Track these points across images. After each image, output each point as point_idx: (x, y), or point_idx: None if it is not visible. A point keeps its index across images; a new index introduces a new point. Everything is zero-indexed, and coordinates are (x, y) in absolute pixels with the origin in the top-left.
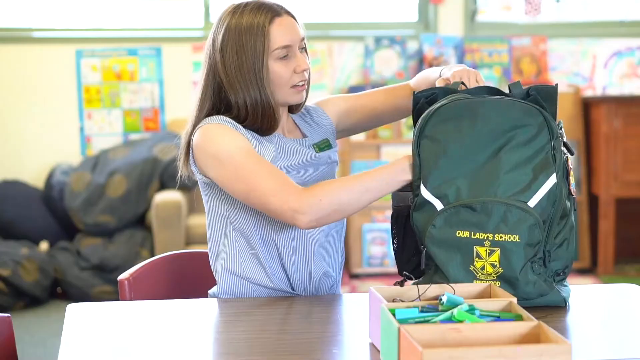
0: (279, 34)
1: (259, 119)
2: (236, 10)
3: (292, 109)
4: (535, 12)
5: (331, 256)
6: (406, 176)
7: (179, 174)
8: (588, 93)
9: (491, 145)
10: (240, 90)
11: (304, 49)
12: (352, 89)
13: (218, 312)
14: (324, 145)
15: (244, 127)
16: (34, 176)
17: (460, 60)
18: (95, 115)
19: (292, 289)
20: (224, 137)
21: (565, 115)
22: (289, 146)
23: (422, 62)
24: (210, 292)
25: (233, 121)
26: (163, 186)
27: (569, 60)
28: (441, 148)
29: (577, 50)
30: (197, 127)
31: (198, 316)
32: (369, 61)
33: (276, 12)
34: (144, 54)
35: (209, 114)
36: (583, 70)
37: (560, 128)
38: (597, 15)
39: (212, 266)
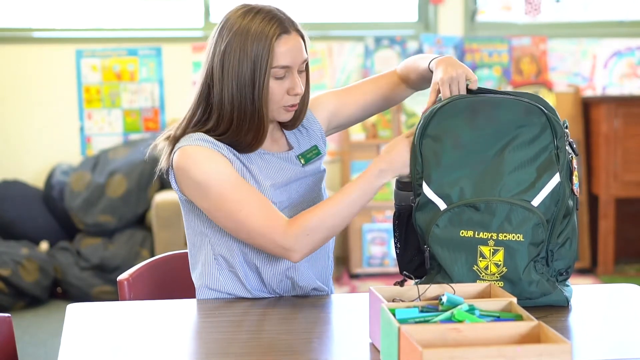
0: (281, 52)
1: (242, 133)
2: (247, 13)
3: (287, 126)
4: (535, 12)
5: (321, 269)
6: (381, 180)
7: (159, 167)
8: (588, 93)
9: (494, 144)
10: (232, 97)
11: (303, 71)
12: None
13: (218, 312)
14: (311, 155)
15: (223, 141)
16: (34, 176)
17: (460, 60)
18: (95, 115)
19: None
20: (208, 164)
21: (566, 115)
22: (272, 164)
23: None
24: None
25: (213, 140)
26: (163, 186)
27: (569, 60)
28: (444, 147)
29: (577, 50)
30: (178, 144)
31: (198, 316)
32: (369, 61)
33: (285, 28)
34: (144, 54)
35: (199, 120)
36: (583, 70)
37: (566, 127)
38: (597, 15)
39: (193, 279)
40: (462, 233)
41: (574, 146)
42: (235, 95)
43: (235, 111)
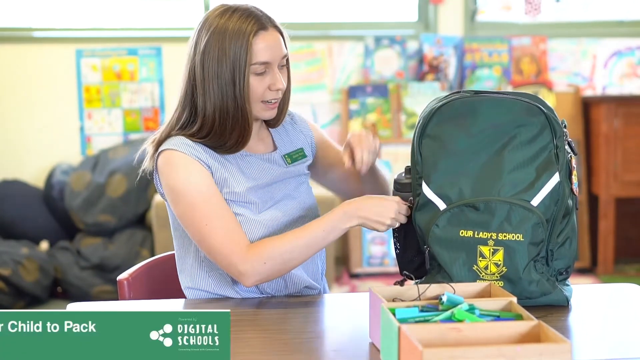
0: (260, 48)
1: (226, 133)
2: (225, 12)
3: (271, 124)
4: (535, 12)
5: (312, 267)
6: (347, 223)
7: (142, 167)
8: (588, 93)
9: (494, 144)
10: (213, 98)
11: (284, 66)
12: (352, 89)
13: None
14: (297, 156)
15: (206, 143)
16: (34, 176)
17: (460, 60)
18: (95, 115)
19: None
20: (184, 172)
21: (565, 115)
22: (254, 165)
23: (422, 62)
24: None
25: (194, 144)
26: None
27: (569, 60)
28: (443, 147)
29: (577, 50)
30: (161, 147)
31: None
32: (369, 61)
33: (263, 25)
34: (144, 53)
35: (185, 122)
36: (583, 70)
37: (565, 127)
38: (597, 15)
39: (180, 281)
40: (462, 233)
41: (573, 145)
42: (217, 95)
43: (217, 111)
